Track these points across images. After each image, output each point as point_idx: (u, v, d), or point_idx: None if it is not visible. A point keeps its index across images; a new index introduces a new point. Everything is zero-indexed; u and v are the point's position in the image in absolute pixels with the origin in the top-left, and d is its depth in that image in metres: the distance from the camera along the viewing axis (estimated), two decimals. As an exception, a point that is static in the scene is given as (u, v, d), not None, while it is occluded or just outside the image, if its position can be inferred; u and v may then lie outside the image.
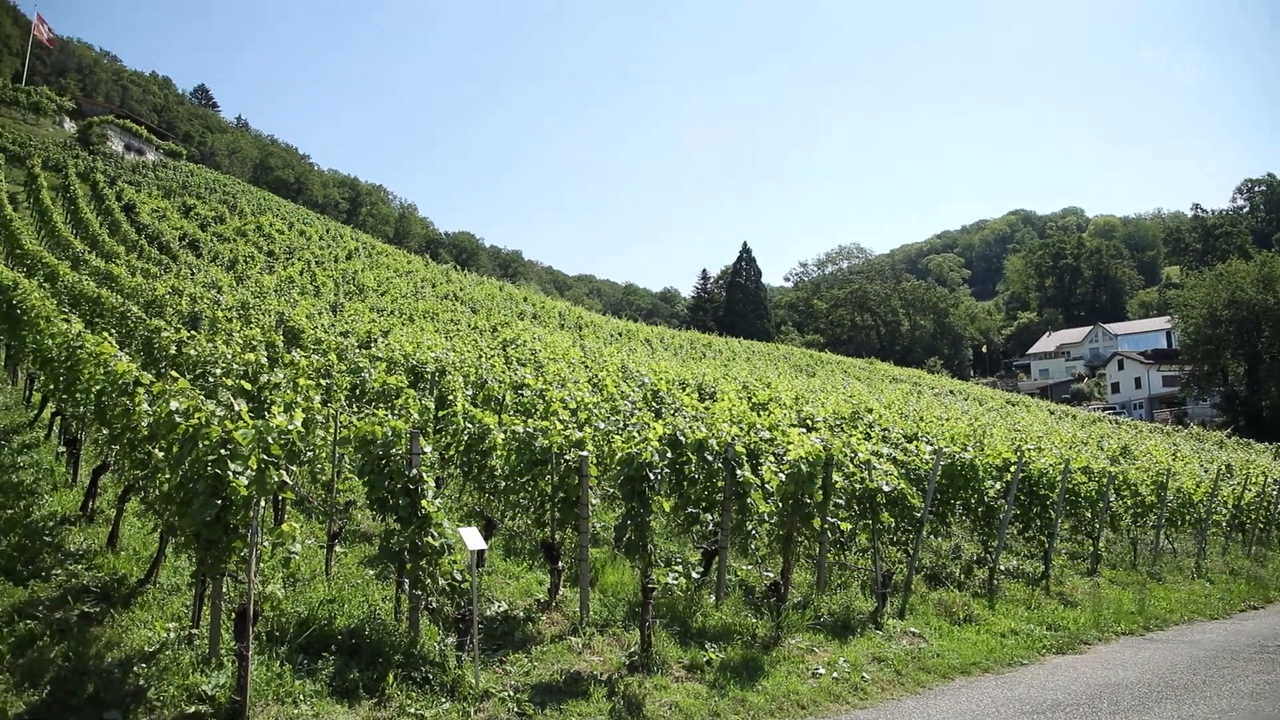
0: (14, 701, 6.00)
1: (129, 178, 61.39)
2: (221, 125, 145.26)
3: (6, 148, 58.94)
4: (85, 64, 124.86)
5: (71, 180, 53.61)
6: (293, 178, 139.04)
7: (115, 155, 67.58)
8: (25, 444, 12.77)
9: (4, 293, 18.07)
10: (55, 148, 63.03)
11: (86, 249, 36.24)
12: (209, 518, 6.16)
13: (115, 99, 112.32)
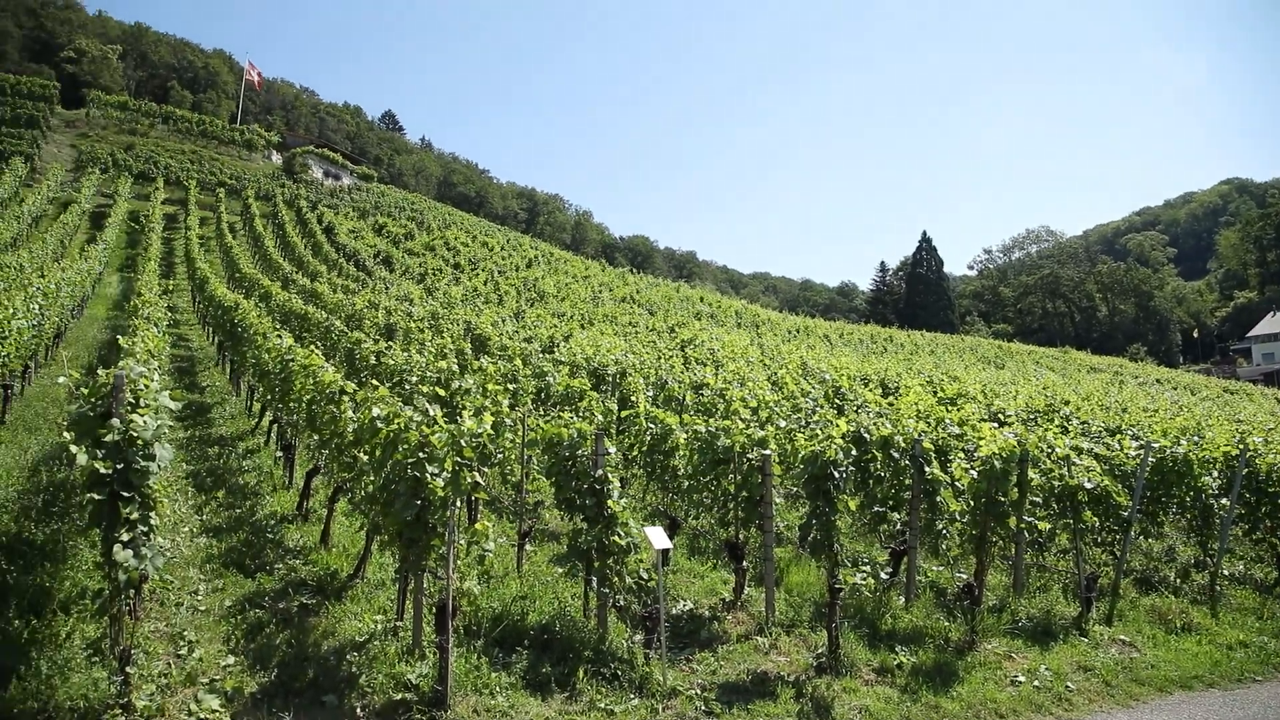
0: (249, 681, 6.53)
1: (328, 201, 65.91)
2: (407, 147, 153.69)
3: (226, 182, 64.61)
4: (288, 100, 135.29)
5: (279, 208, 58.15)
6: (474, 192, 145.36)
7: (315, 182, 72.76)
8: (249, 449, 13.94)
9: (227, 313, 19.79)
10: (265, 179, 68.51)
11: (294, 269, 39.19)
12: (410, 517, 6.51)
13: (314, 130, 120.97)
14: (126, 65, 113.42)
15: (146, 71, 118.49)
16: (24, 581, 7.69)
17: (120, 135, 70.32)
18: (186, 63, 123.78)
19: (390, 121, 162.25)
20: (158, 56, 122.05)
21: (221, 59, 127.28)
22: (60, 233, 41.27)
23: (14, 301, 13.87)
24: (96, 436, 5.70)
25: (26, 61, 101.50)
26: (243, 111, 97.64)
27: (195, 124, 77.35)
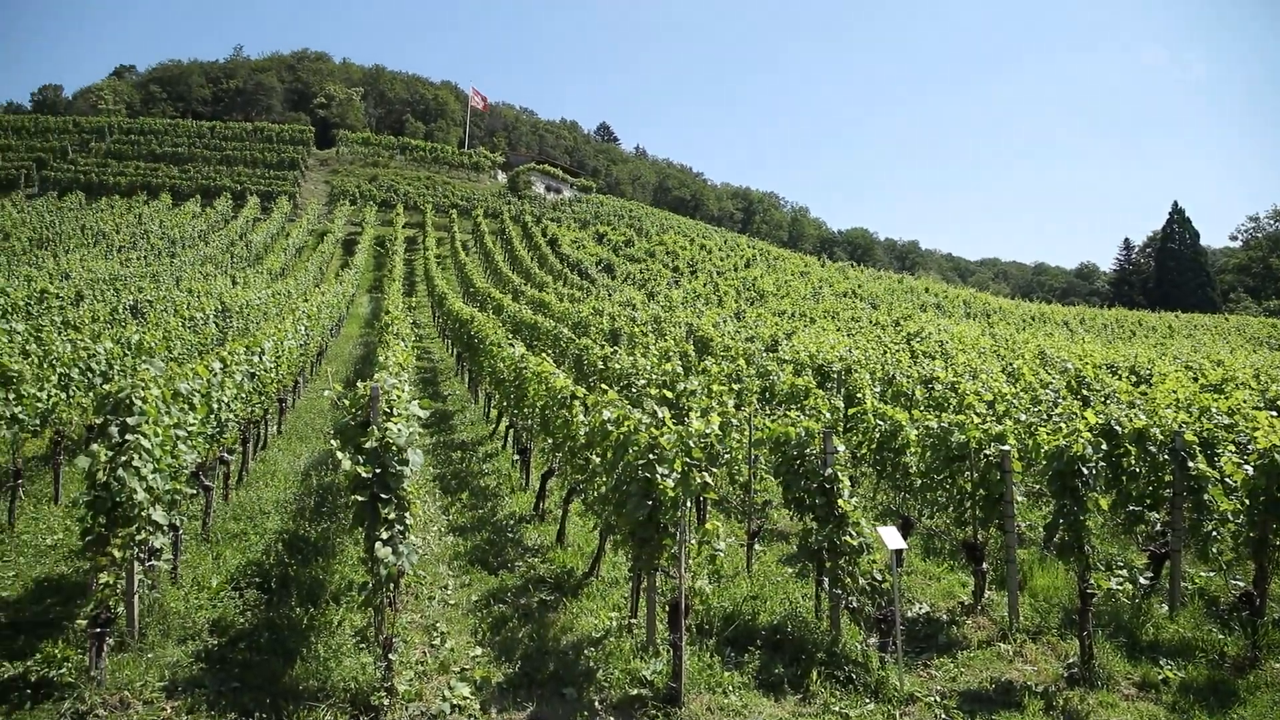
0: (495, 672, 6.90)
1: (551, 215, 68.76)
2: (622, 157, 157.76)
3: (458, 203, 68.87)
4: (509, 122, 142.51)
5: (506, 224, 61.30)
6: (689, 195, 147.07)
7: (538, 197, 76.13)
8: (488, 453, 14.76)
9: (464, 325, 21.05)
10: (492, 198, 72.43)
11: (522, 281, 41.13)
12: (641, 517, 6.65)
13: (534, 148, 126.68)
14: (367, 104, 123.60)
15: (384, 108, 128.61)
16: (303, 574, 8.51)
17: (365, 168, 76.61)
18: (418, 96, 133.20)
19: (605, 133, 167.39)
20: (393, 93, 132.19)
21: (449, 89, 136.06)
22: (318, 260, 45.45)
23: (285, 324, 15.42)
24: (358, 443, 6.23)
25: (287, 111, 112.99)
26: (469, 136, 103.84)
27: (428, 152, 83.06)
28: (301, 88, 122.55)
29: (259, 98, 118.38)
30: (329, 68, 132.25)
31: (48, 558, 8.91)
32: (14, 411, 9.54)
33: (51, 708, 5.86)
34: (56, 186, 62.48)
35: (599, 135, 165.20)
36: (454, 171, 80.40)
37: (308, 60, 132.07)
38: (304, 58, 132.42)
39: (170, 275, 34.83)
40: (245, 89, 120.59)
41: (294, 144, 77.39)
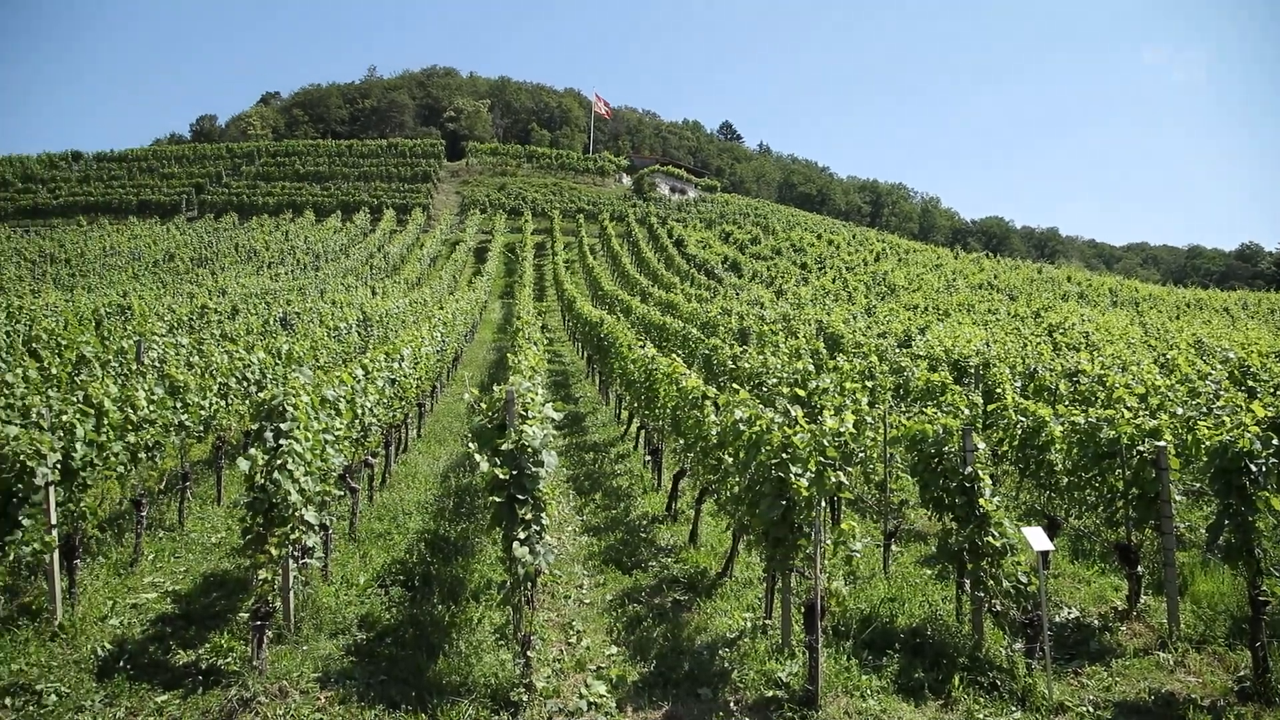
0: (630, 670, 6.95)
1: (676, 216, 68.99)
2: (746, 154, 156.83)
3: (584, 208, 69.93)
4: (632, 125, 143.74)
5: (632, 226, 61.81)
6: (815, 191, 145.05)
7: (663, 198, 76.48)
8: (620, 454, 14.92)
9: (593, 328, 21.34)
10: (617, 201, 73.23)
11: (649, 283, 41.40)
12: (775, 517, 6.58)
13: (658, 150, 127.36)
14: (494, 115, 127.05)
15: (510, 118, 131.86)
16: (444, 572, 8.80)
17: (493, 178, 78.72)
18: (543, 104, 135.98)
19: (728, 132, 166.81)
20: (519, 103, 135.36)
21: (572, 96, 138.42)
22: (452, 269, 46.93)
23: (422, 332, 15.99)
24: (495, 446, 6.40)
25: (419, 126, 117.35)
26: (593, 141, 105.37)
27: (554, 159, 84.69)
28: (431, 103, 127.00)
29: (392, 115, 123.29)
30: (457, 82, 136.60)
31: (213, 554, 9.51)
32: (181, 419, 10.22)
33: (220, 693, 6.25)
34: (213, 209, 66.70)
35: (722, 134, 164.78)
36: (579, 177, 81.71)
37: (437, 76, 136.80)
38: (433, 74, 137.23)
39: (315, 288, 36.64)
40: (379, 107, 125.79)
41: (426, 157, 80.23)
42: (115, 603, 7.98)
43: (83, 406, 8.03)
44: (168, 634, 7.39)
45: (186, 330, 21.49)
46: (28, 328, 19.95)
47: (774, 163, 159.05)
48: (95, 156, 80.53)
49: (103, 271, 45.03)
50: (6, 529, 6.63)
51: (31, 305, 25.34)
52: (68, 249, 50.94)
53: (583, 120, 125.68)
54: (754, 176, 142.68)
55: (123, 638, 7.28)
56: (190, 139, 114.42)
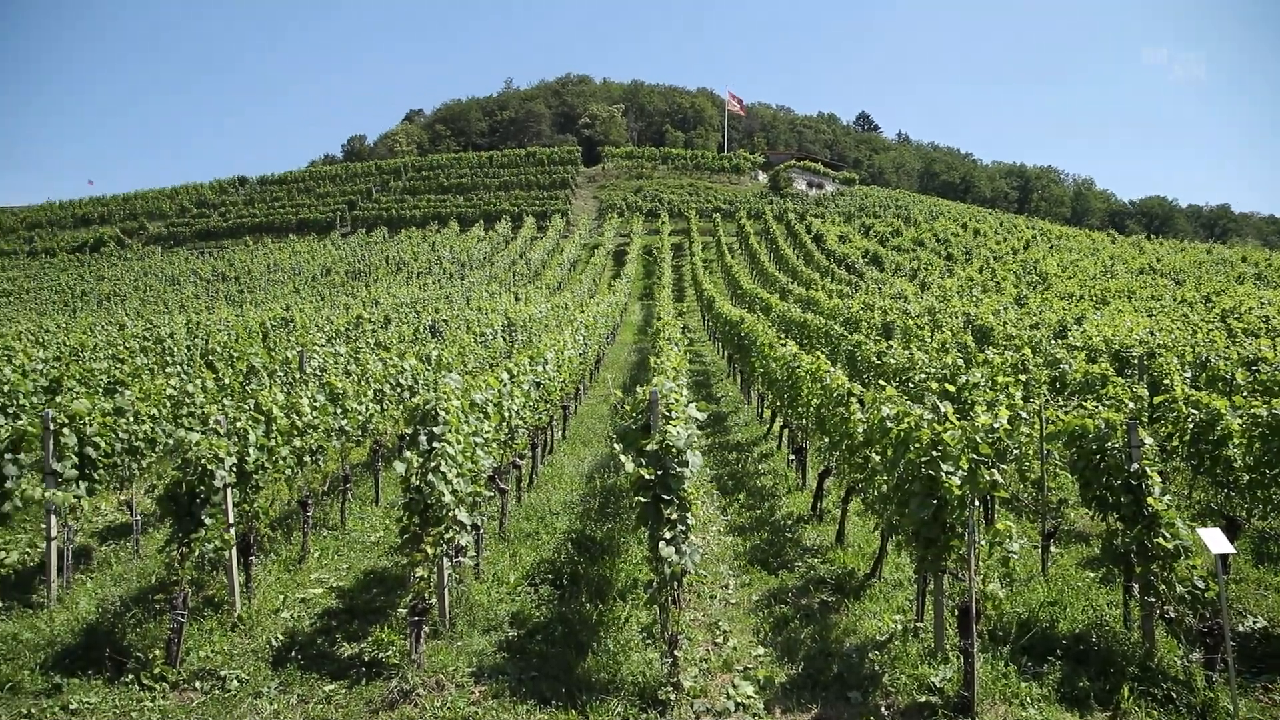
0: (778, 672, 6.88)
1: (814, 211, 68.00)
2: (884, 145, 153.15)
3: (720, 207, 69.84)
4: (766, 122, 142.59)
5: (769, 224, 61.29)
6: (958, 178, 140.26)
7: (800, 194, 75.50)
8: (763, 454, 14.81)
9: (734, 327, 21.27)
10: (754, 199, 72.76)
11: (789, 280, 40.96)
12: (926, 517, 6.38)
13: (793, 145, 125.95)
14: (628, 119, 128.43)
15: (644, 121, 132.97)
16: (591, 571, 8.94)
17: (629, 181, 79.56)
18: (676, 106, 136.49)
19: (865, 122, 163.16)
20: (652, 106, 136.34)
21: (705, 96, 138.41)
22: (592, 273, 47.70)
23: (565, 335, 16.31)
24: (639, 446, 6.46)
25: (555, 133, 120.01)
26: (727, 140, 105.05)
27: (689, 159, 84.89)
28: (567, 110, 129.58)
29: (529, 124, 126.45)
30: (591, 89, 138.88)
31: (372, 552, 9.97)
32: (341, 424, 10.77)
33: (382, 684, 6.55)
34: (364, 224, 70.06)
35: (858, 125, 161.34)
36: (715, 176, 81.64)
37: (571, 84, 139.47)
38: (567, 82, 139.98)
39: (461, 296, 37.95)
40: (517, 118, 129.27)
41: (563, 164, 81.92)
42: (286, 597, 8.48)
43: (254, 414, 8.57)
44: (333, 627, 7.80)
45: (343, 340, 22.63)
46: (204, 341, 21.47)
47: (913, 152, 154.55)
48: (258, 180, 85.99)
49: (267, 287, 48.01)
50: (192, 527, 7.16)
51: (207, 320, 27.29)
52: (236, 267, 54.58)
53: (716, 119, 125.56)
54: (893, 167, 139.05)
55: (293, 629, 7.73)
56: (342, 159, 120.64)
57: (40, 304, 47.87)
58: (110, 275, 56.85)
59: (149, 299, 46.13)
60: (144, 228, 74.71)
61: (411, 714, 6.16)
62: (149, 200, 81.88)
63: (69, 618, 8.02)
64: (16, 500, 7.59)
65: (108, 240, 71.44)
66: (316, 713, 6.28)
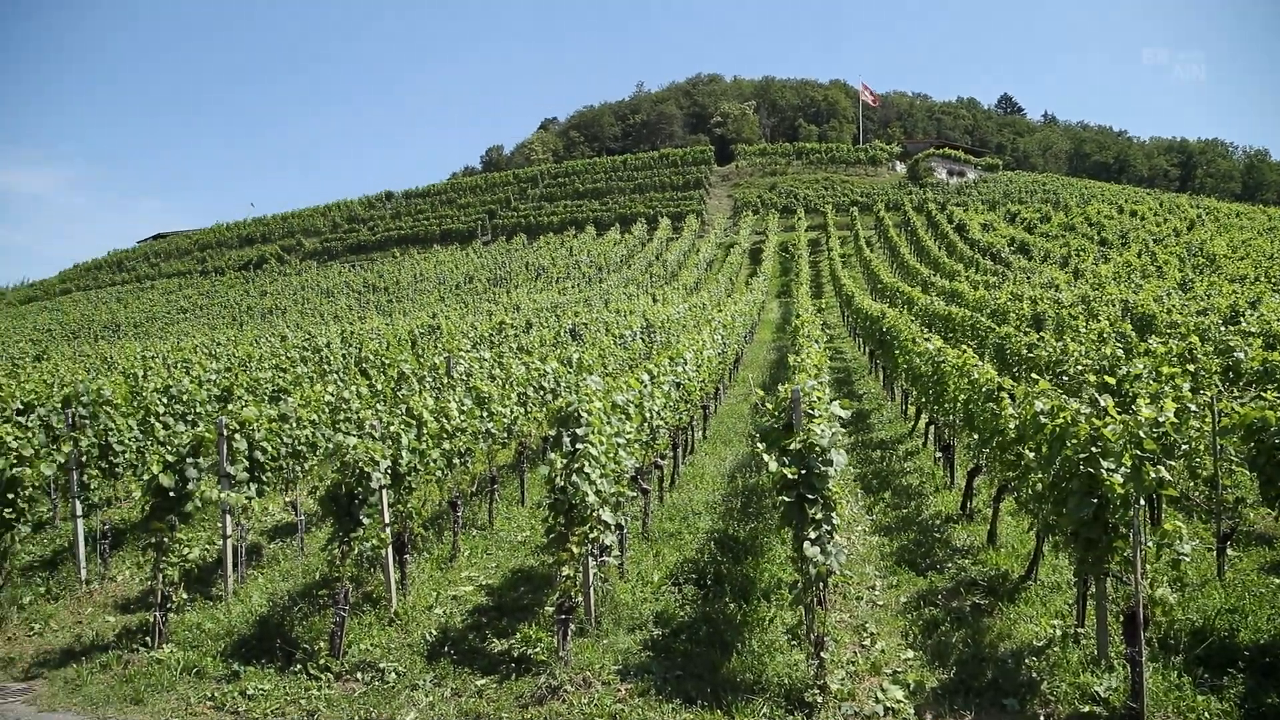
0: (928, 676, 6.67)
1: (955, 200, 65.78)
2: (1029, 127, 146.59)
3: (857, 200, 68.48)
4: (903, 110, 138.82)
5: (909, 215, 59.66)
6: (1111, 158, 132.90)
7: (940, 183, 73.16)
8: (908, 451, 14.42)
9: (874, 322, 20.81)
10: (892, 190, 71.01)
11: (931, 272, 39.75)
12: (1085, 516, 6.05)
13: (931, 133, 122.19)
14: (760, 115, 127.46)
15: (777, 117, 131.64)
16: (734, 571, 8.91)
17: (763, 178, 78.99)
18: (808, 100, 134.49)
19: (1007, 105, 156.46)
20: (784, 101, 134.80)
21: (838, 88, 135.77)
22: (728, 272, 47.58)
23: (703, 335, 16.33)
24: (782, 445, 6.40)
25: (687, 134, 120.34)
26: (862, 131, 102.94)
27: (824, 153, 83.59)
28: (698, 110, 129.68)
29: (661, 126, 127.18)
30: (721, 88, 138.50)
31: (519, 552, 10.24)
32: (487, 427, 11.11)
33: (530, 680, 6.72)
34: (504, 232, 72.12)
35: (1000, 108, 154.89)
36: (850, 169, 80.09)
37: (701, 84, 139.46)
38: (698, 82, 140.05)
39: (599, 298, 38.53)
40: (649, 120, 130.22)
41: (696, 164, 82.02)
42: (438, 594, 8.81)
43: (406, 418, 8.95)
44: (483, 624, 8.05)
45: (487, 345, 23.34)
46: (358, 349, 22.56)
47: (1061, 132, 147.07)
48: (403, 194, 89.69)
49: (414, 296, 50.04)
50: (351, 526, 7.54)
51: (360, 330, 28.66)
52: (385, 278, 57.12)
53: (850, 111, 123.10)
54: (1039, 150, 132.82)
55: (446, 625, 8.02)
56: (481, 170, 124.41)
57: (211, 319, 51.40)
58: (272, 290, 60.51)
59: (307, 311, 48.83)
60: (301, 244, 79.12)
61: (560, 710, 6.29)
62: (304, 218, 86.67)
63: (244, 610, 8.59)
64: (197, 500, 8.15)
65: (269, 257, 76.04)
66: (469, 706, 6.50)
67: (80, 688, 7.25)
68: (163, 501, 7.96)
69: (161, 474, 7.95)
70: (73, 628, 8.63)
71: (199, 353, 25.36)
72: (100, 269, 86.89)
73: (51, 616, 8.89)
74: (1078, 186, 76.05)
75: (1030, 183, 75.19)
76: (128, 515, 12.28)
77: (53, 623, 8.75)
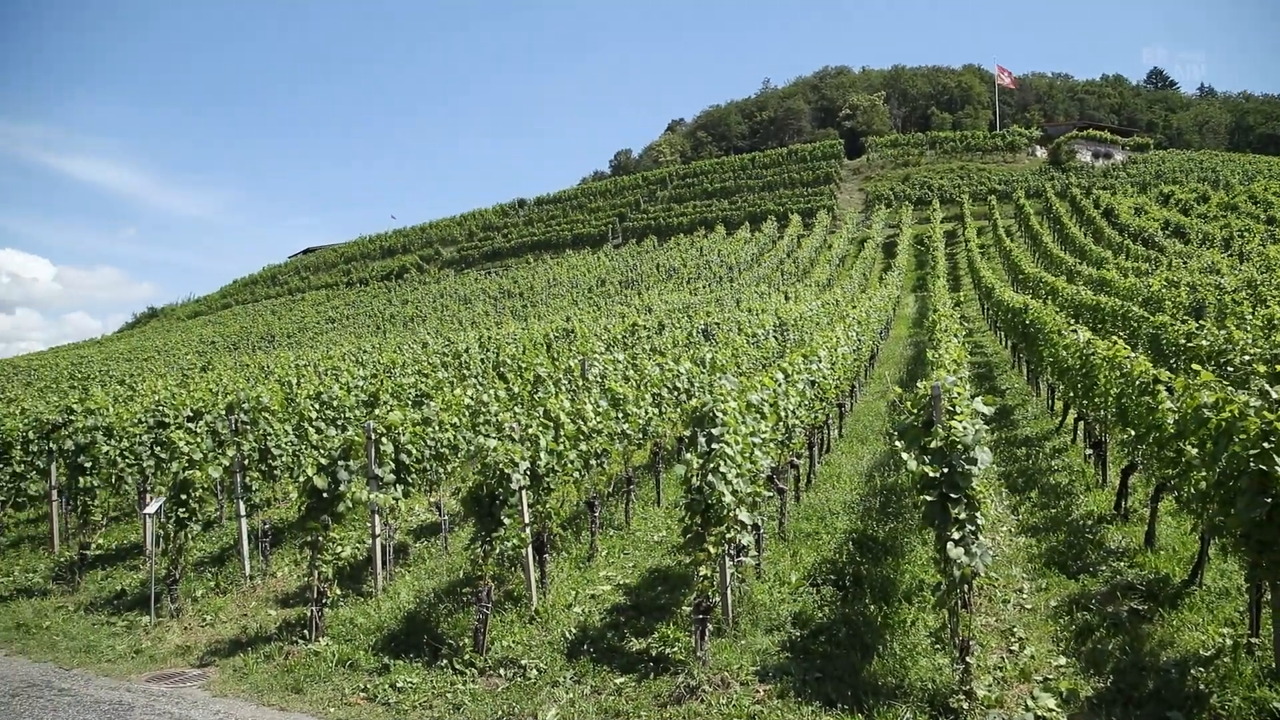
0: (1083, 685, 6.36)
1: (1102, 183, 62.56)
2: (1182, 102, 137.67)
3: (995, 189, 65.96)
4: (1041, 92, 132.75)
5: (1051, 201, 57.09)
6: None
7: (1085, 166, 69.68)
8: (1055, 449, 13.80)
9: (1017, 315, 20.03)
10: (1032, 176, 68.06)
11: (1076, 261, 37.94)
12: (1257, 517, 5.64)
13: (1073, 114, 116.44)
14: (890, 106, 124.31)
15: (908, 106, 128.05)
16: (873, 572, 8.73)
17: (895, 170, 77.07)
18: (940, 87, 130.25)
19: (1158, 79, 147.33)
20: (915, 89, 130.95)
21: (971, 73, 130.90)
22: (861, 267, 46.68)
23: (837, 332, 16.06)
24: (922, 443, 6.23)
25: (815, 129, 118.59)
26: (999, 116, 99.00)
27: (958, 141, 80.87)
28: (826, 104, 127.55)
29: (789, 122, 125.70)
30: (849, 79, 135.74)
31: (655, 551, 10.32)
32: (623, 428, 11.24)
33: (669, 680, 6.77)
34: (634, 234, 72.79)
35: (1150, 83, 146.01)
36: (987, 156, 77.17)
37: (829, 77, 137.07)
38: (825, 75, 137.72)
39: (731, 298, 38.42)
40: (776, 117, 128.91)
41: (825, 159, 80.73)
42: (577, 593, 8.98)
43: (543, 420, 9.16)
44: (621, 623, 8.15)
45: (621, 347, 23.62)
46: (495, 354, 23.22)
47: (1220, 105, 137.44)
48: (535, 201, 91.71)
49: (548, 300, 51.11)
50: (492, 526, 7.77)
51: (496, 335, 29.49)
52: (520, 284, 58.54)
53: (985, 96, 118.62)
54: (1194, 126, 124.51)
55: (585, 624, 8.17)
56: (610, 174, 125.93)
57: (357, 328, 53.83)
58: (412, 298, 62.91)
59: (446, 318, 50.55)
60: (439, 253, 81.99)
61: (698, 710, 6.31)
62: (441, 228, 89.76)
63: (392, 606, 8.98)
64: (348, 501, 8.57)
65: (409, 267, 79.09)
66: (609, 704, 6.60)
67: (247, 676, 7.74)
68: (317, 502, 8.41)
69: (315, 476, 8.40)
70: (239, 620, 9.22)
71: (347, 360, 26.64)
72: (256, 284, 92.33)
73: (220, 609, 9.52)
74: (1240, 162, 70.90)
75: (1185, 161, 70.63)
76: (285, 515, 13.02)
77: (221, 614, 9.37)
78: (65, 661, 8.44)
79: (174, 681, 7.75)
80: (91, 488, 11.48)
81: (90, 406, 12.40)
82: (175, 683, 7.73)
